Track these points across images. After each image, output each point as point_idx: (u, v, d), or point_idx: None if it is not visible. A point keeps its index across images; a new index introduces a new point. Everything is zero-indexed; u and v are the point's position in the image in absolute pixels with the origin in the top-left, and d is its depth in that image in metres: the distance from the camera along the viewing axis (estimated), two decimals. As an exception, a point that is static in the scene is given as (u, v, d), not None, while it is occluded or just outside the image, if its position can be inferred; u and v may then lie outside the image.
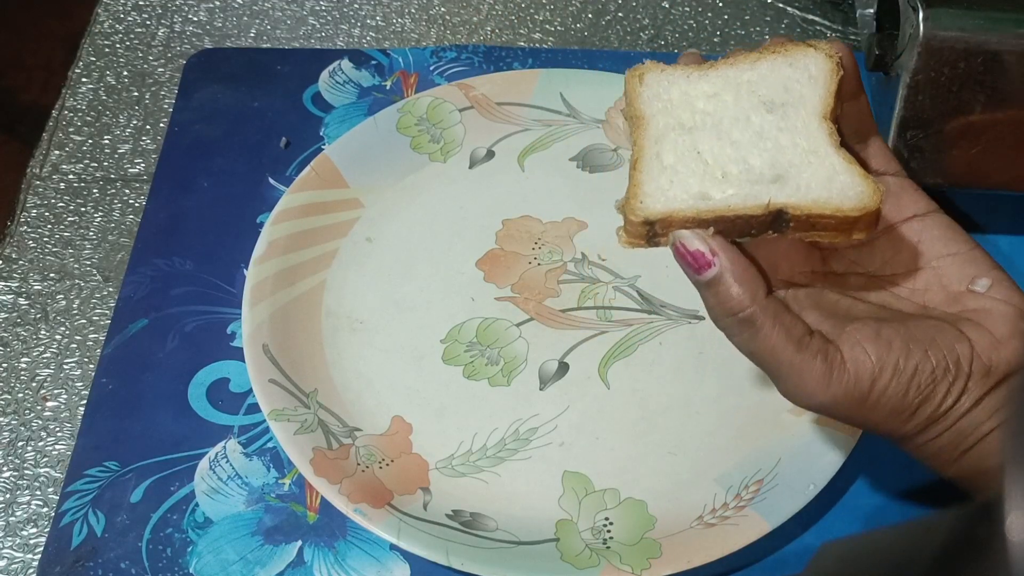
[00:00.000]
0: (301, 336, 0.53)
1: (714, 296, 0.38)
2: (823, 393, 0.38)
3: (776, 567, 0.48)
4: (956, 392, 0.38)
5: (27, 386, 0.53)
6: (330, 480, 0.47)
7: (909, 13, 0.51)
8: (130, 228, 0.60)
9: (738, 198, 0.38)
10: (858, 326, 0.38)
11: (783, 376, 0.38)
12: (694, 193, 0.39)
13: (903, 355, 0.37)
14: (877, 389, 0.37)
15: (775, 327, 0.38)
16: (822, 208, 0.37)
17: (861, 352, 0.38)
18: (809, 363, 0.37)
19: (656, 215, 0.38)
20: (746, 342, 0.39)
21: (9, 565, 0.48)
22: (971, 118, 0.52)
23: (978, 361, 0.38)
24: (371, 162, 0.60)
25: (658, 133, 0.41)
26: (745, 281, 0.38)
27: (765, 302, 0.38)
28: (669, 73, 0.42)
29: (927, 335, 0.38)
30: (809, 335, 0.38)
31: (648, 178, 0.39)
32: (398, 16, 0.71)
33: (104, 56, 0.68)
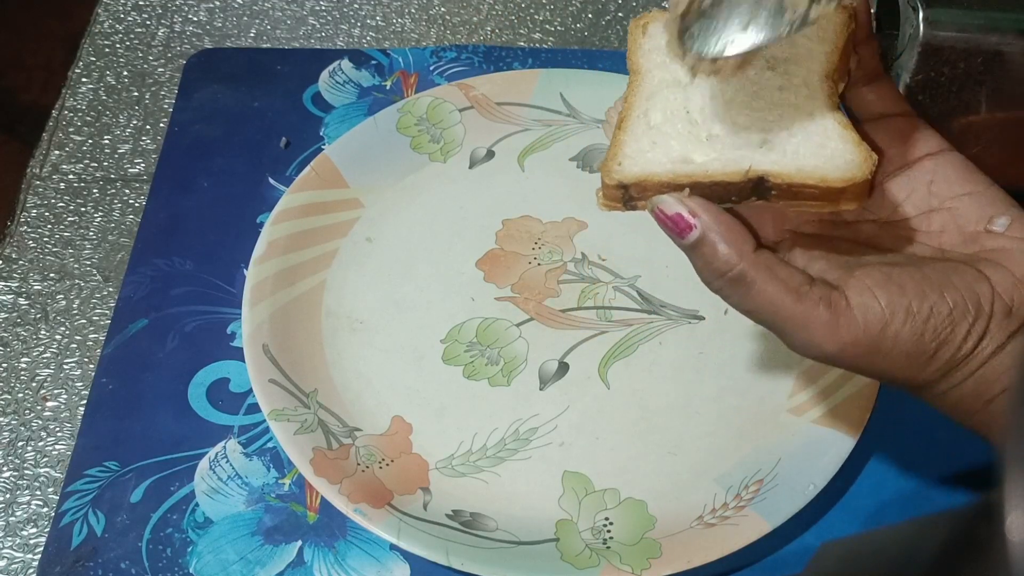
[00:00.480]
0: (301, 336, 0.53)
1: (701, 258, 0.37)
2: (830, 342, 0.36)
3: (776, 567, 0.48)
4: (977, 334, 0.36)
5: (27, 386, 0.53)
6: (330, 480, 0.47)
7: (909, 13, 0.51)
8: (130, 228, 0.60)
9: (718, 163, 0.36)
10: (867, 271, 0.37)
11: (787, 330, 0.37)
12: (675, 156, 0.37)
13: (916, 297, 0.36)
14: (889, 334, 0.36)
15: (769, 280, 0.36)
16: (805, 177, 0.36)
17: (870, 297, 0.36)
18: (812, 312, 0.36)
19: (631, 179, 0.37)
20: (741, 300, 0.37)
21: (9, 565, 0.48)
22: (971, 118, 0.52)
23: (999, 301, 0.36)
24: (371, 162, 0.60)
25: (652, 89, 0.39)
26: (730, 238, 0.36)
27: (754, 256, 0.36)
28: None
29: (943, 276, 0.36)
30: (810, 284, 0.36)
31: (631, 138, 0.38)
32: (398, 16, 0.71)
33: (104, 56, 0.68)
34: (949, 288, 0.36)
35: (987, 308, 0.36)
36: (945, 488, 0.50)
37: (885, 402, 0.50)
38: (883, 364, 0.36)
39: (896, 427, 0.52)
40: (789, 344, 0.38)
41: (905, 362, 0.36)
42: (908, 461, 0.51)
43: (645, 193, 0.37)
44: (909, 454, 0.51)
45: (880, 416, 0.51)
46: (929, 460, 0.51)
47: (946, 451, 0.51)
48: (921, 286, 0.36)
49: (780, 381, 0.52)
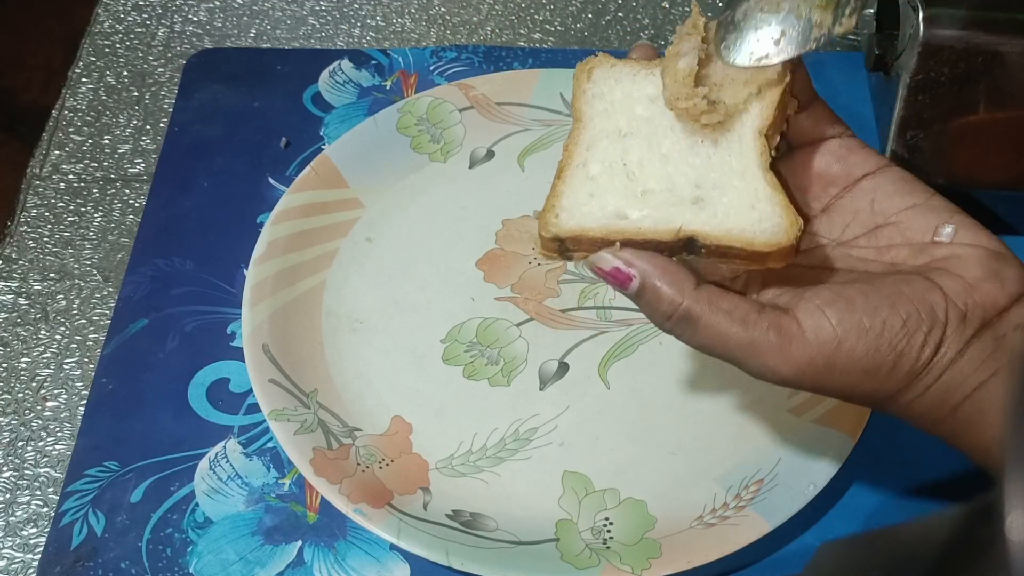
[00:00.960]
0: (301, 336, 0.53)
1: (646, 304, 0.38)
2: (784, 365, 0.36)
3: (776, 567, 0.48)
4: (934, 342, 0.36)
5: (27, 386, 0.53)
6: (330, 480, 0.47)
7: (909, 13, 0.51)
8: (130, 228, 0.60)
9: (650, 221, 0.37)
10: (817, 290, 0.37)
11: (741, 358, 0.37)
12: (609, 212, 0.38)
13: (867, 313, 0.36)
14: (843, 352, 0.36)
15: (714, 314, 0.37)
16: (732, 240, 0.37)
17: (820, 317, 0.36)
18: (762, 338, 0.36)
19: (566, 233, 0.38)
20: (692, 337, 0.38)
21: (9, 565, 0.48)
22: (971, 118, 0.52)
23: (953, 308, 0.37)
24: (371, 162, 0.60)
25: (592, 138, 0.40)
26: (670, 280, 0.37)
27: (695, 293, 0.37)
28: (618, 70, 0.40)
29: (894, 289, 0.37)
30: (758, 311, 0.37)
31: (568, 189, 0.39)
32: (398, 16, 0.71)
33: (104, 56, 0.68)
34: (901, 300, 0.37)
35: (941, 316, 0.37)
36: (945, 488, 0.50)
37: (885, 402, 0.50)
38: (842, 381, 0.37)
39: (896, 427, 0.52)
40: (748, 372, 0.38)
41: (864, 377, 0.37)
42: (908, 461, 0.51)
43: (580, 247, 0.38)
44: (909, 454, 0.51)
45: (880, 416, 0.51)
46: (929, 460, 0.51)
47: (946, 451, 0.51)
48: (872, 301, 0.37)
49: (780, 381, 0.52)
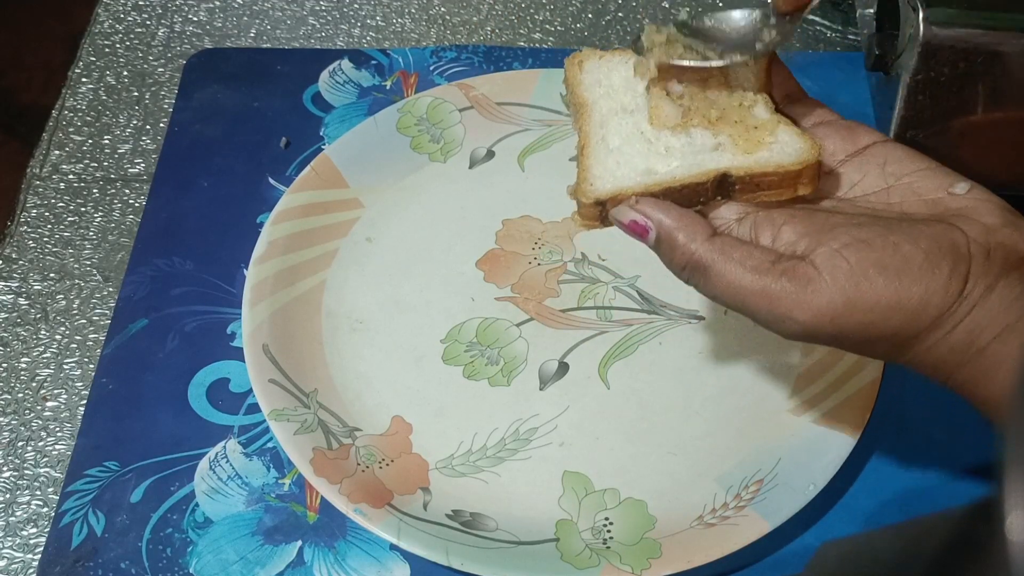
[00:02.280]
0: (301, 336, 0.53)
1: (663, 253, 0.39)
2: (802, 312, 0.36)
3: (776, 567, 0.48)
4: (961, 275, 0.35)
5: (27, 386, 0.53)
6: (330, 480, 0.47)
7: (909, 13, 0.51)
8: (130, 228, 0.60)
9: (682, 168, 0.39)
10: (834, 234, 0.37)
11: (755, 307, 0.37)
12: (641, 170, 0.40)
13: (886, 250, 0.35)
14: (865, 289, 0.35)
15: (726, 262, 0.37)
16: (763, 166, 0.38)
17: (837, 258, 0.36)
18: (776, 284, 0.36)
19: (606, 194, 0.39)
20: (705, 286, 0.38)
21: (9, 565, 0.48)
22: (971, 118, 0.52)
23: (975, 245, 0.36)
24: (371, 162, 0.60)
25: (602, 117, 0.42)
26: (683, 227, 0.38)
27: (709, 242, 0.37)
28: (608, 59, 0.43)
29: (911, 228, 0.36)
30: (772, 260, 0.37)
31: (596, 162, 0.41)
32: (398, 16, 0.71)
33: (104, 56, 0.68)
34: (920, 237, 0.36)
35: (964, 252, 0.36)
36: (945, 488, 0.50)
37: (885, 402, 0.50)
38: (865, 320, 0.36)
39: (896, 427, 0.52)
40: (764, 325, 0.38)
41: (890, 314, 0.35)
42: (908, 461, 0.51)
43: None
44: (909, 454, 0.51)
45: (880, 416, 0.51)
46: (929, 460, 0.51)
47: (946, 451, 0.51)
48: (890, 239, 0.36)
49: (780, 381, 0.52)
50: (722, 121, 0.40)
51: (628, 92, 0.42)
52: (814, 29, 0.71)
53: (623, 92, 0.42)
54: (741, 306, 0.37)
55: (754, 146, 0.39)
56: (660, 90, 0.41)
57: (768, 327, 0.37)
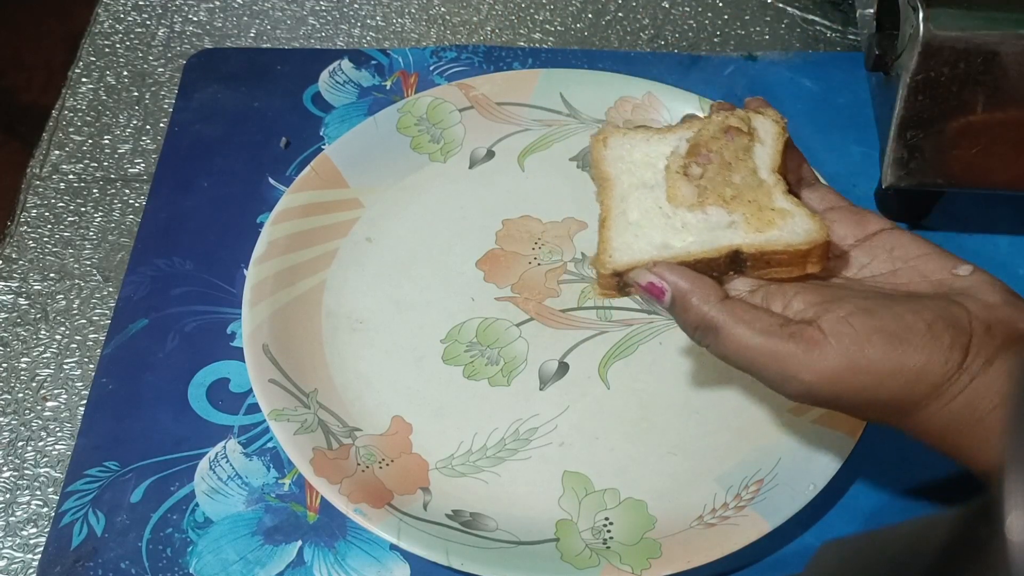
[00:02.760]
0: (301, 336, 0.53)
1: (679, 313, 0.40)
2: (806, 372, 0.37)
3: (776, 567, 0.48)
4: (961, 346, 0.37)
5: (27, 386, 0.53)
6: (330, 480, 0.47)
7: (909, 13, 0.51)
8: (130, 228, 0.60)
9: (697, 244, 0.42)
10: (840, 304, 0.38)
11: (762, 367, 0.38)
12: (657, 244, 0.42)
13: (890, 318, 0.37)
14: (867, 353, 0.37)
15: (737, 324, 0.39)
16: (774, 245, 0.41)
17: (843, 324, 0.37)
18: (783, 346, 0.38)
19: (623, 266, 0.42)
20: (715, 346, 0.40)
21: (9, 565, 0.48)
22: (971, 118, 0.52)
23: (976, 320, 0.37)
24: (371, 162, 0.60)
25: (623, 192, 0.44)
26: (696, 290, 0.40)
27: (720, 304, 0.39)
28: (631, 136, 0.46)
29: (916, 302, 0.38)
30: (781, 323, 0.38)
31: (616, 234, 0.43)
32: (398, 16, 0.71)
33: (104, 56, 0.68)
34: (923, 308, 0.38)
35: (966, 325, 0.37)
36: (945, 488, 0.50)
37: (885, 402, 0.50)
38: (868, 383, 0.37)
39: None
40: (770, 385, 0.39)
41: (890, 379, 0.37)
42: (908, 461, 0.51)
43: None
44: (909, 454, 0.51)
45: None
46: (929, 460, 0.51)
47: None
48: (895, 310, 0.38)
49: (780, 381, 0.52)
50: (736, 200, 0.42)
51: (648, 168, 0.44)
52: (814, 29, 0.71)
53: (644, 168, 0.44)
54: (750, 366, 0.39)
55: (766, 225, 0.41)
56: (679, 171, 0.43)
57: (774, 387, 0.39)
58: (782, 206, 0.42)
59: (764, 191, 0.42)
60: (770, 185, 0.43)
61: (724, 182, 0.43)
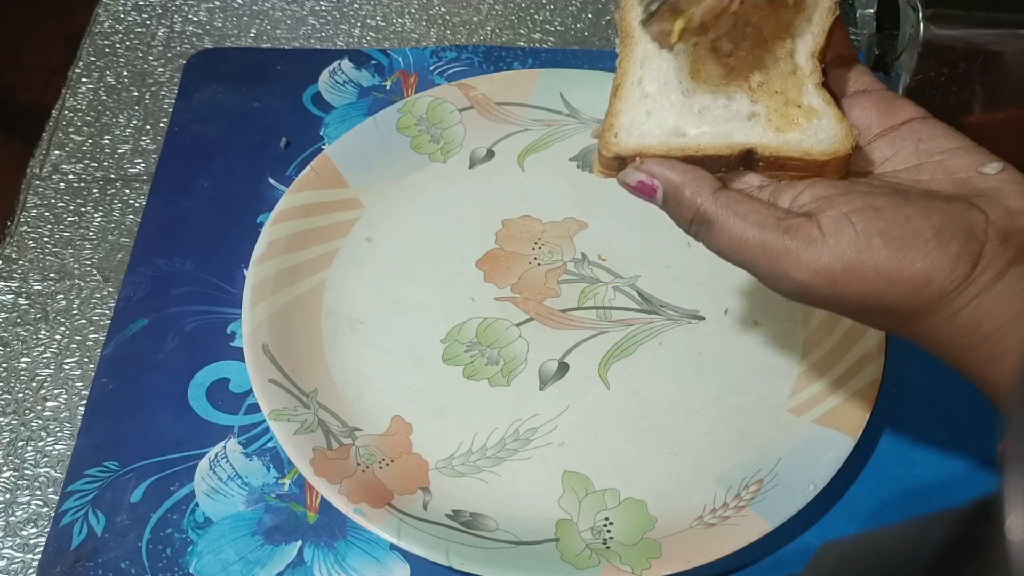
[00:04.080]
0: (301, 336, 0.53)
1: (672, 211, 0.38)
2: (798, 271, 0.35)
3: (776, 567, 0.48)
4: (970, 257, 0.34)
5: (27, 386, 0.53)
6: (330, 480, 0.47)
7: (909, 13, 0.51)
8: (130, 228, 0.60)
9: (709, 137, 0.38)
10: (848, 198, 0.36)
11: (754, 261, 0.37)
12: (668, 129, 0.39)
13: (895, 221, 0.35)
14: (866, 259, 0.35)
15: (731, 216, 0.37)
16: (791, 150, 0.38)
17: (844, 223, 0.35)
18: (777, 240, 0.36)
19: (627, 151, 0.38)
20: (709, 240, 0.38)
21: (9, 565, 0.48)
22: (971, 118, 0.52)
23: (993, 227, 0.35)
24: (371, 162, 0.60)
25: (644, 54, 0.40)
26: (689, 183, 0.38)
27: (714, 196, 0.37)
28: None
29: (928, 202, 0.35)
30: (777, 217, 0.36)
31: (626, 108, 0.39)
32: (398, 16, 0.71)
33: (104, 56, 0.68)
34: (935, 212, 0.35)
35: (980, 233, 0.35)
36: (945, 488, 0.50)
37: (885, 402, 0.50)
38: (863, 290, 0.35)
39: (896, 427, 0.52)
40: (763, 281, 0.37)
41: (890, 288, 0.35)
42: (908, 461, 0.51)
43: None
44: (909, 454, 0.51)
45: (880, 416, 0.51)
46: (929, 460, 0.51)
47: (946, 451, 0.51)
48: (903, 211, 0.35)
49: (780, 381, 0.52)
50: (763, 89, 0.39)
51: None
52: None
53: None
54: (743, 260, 0.37)
55: (788, 124, 0.38)
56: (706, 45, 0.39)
57: (766, 283, 0.37)
58: (811, 103, 0.38)
59: (796, 81, 0.39)
60: (805, 74, 0.39)
61: (755, 63, 0.39)
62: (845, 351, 0.52)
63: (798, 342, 0.53)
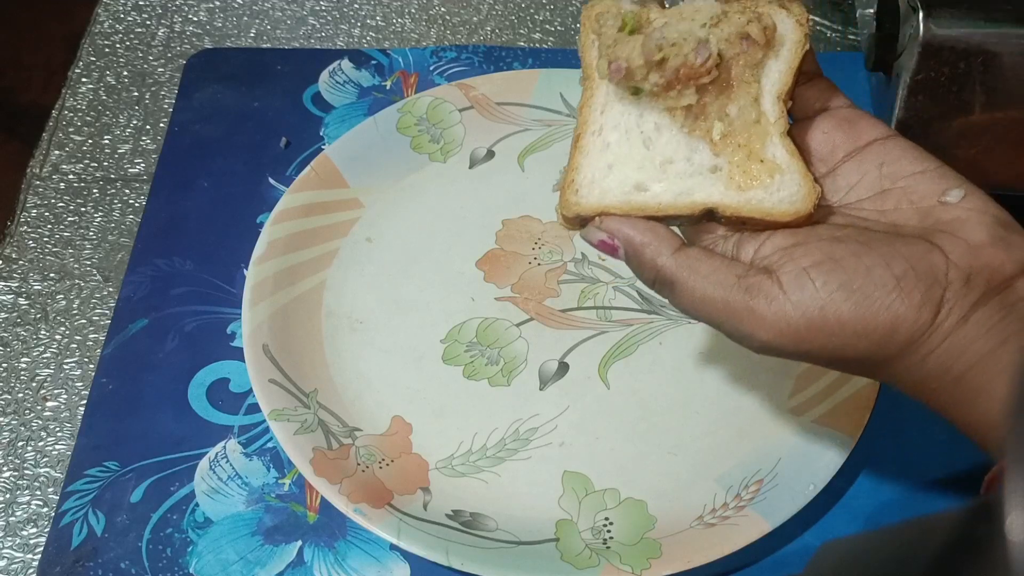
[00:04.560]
0: (301, 336, 0.53)
1: (635, 267, 0.38)
2: (762, 330, 0.35)
3: (776, 567, 0.48)
4: (933, 303, 0.35)
5: (27, 386, 0.53)
6: (330, 480, 0.47)
7: (909, 13, 0.51)
8: (130, 228, 0.60)
9: (669, 195, 0.38)
10: (805, 250, 0.36)
11: (720, 321, 0.37)
12: (629, 185, 0.38)
13: (857, 273, 0.35)
14: (830, 314, 0.35)
15: (691, 276, 0.37)
16: (752, 211, 0.37)
17: (804, 279, 0.35)
18: (739, 301, 0.36)
19: (588, 211, 0.38)
20: (672, 299, 0.38)
21: (9, 565, 0.48)
22: (971, 118, 0.52)
23: (955, 269, 0.35)
24: (371, 162, 0.60)
25: (605, 100, 0.39)
26: (649, 243, 0.37)
27: (675, 257, 0.37)
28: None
29: (888, 248, 0.36)
30: (738, 275, 0.36)
31: (587, 161, 0.38)
32: (398, 16, 0.71)
33: (104, 56, 0.68)
34: (896, 259, 0.35)
35: (941, 277, 0.35)
36: (945, 488, 0.50)
37: (885, 402, 0.50)
38: (830, 344, 0.35)
39: (896, 427, 0.52)
40: (731, 337, 0.37)
41: (855, 339, 0.35)
42: (908, 461, 0.51)
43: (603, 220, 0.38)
44: (909, 455, 0.51)
45: (880, 416, 0.51)
46: (929, 460, 0.51)
47: (946, 451, 0.51)
48: (864, 261, 0.35)
49: (780, 381, 0.52)
50: (725, 142, 0.38)
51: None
52: (814, 29, 0.71)
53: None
54: (708, 319, 0.37)
55: (750, 180, 0.37)
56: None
57: (734, 340, 0.37)
58: (774, 156, 0.37)
59: (760, 131, 0.37)
60: (769, 121, 0.38)
61: (719, 109, 0.38)
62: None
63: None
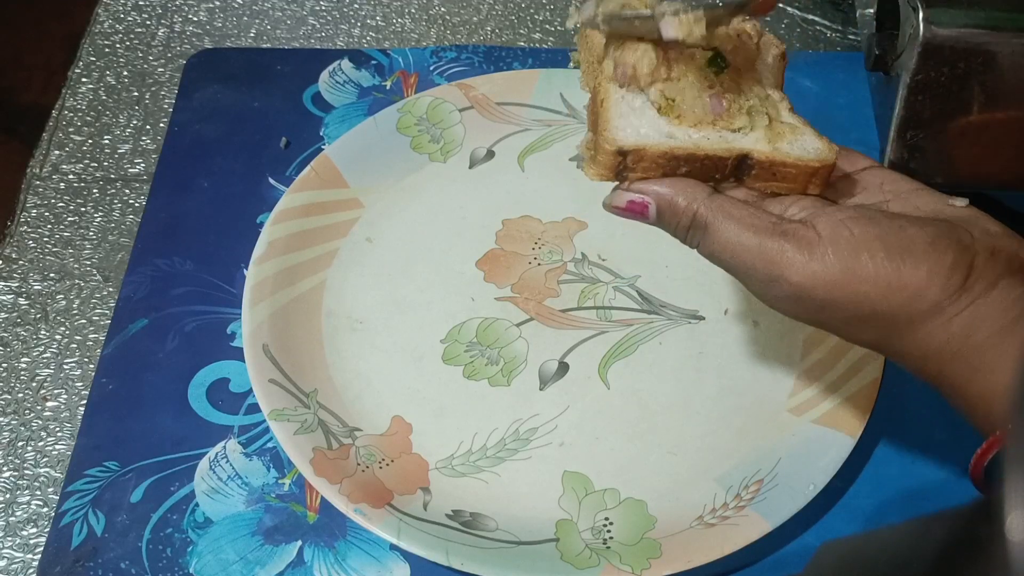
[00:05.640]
0: (301, 336, 0.53)
1: (667, 222, 0.38)
2: (797, 274, 0.35)
3: (776, 567, 0.48)
4: (964, 265, 0.35)
5: (27, 386, 0.53)
6: (330, 480, 0.47)
7: (909, 13, 0.51)
8: (130, 228, 0.60)
9: (707, 141, 0.38)
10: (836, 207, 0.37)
11: (751, 268, 0.36)
12: (664, 132, 0.38)
13: (892, 228, 0.35)
14: (864, 261, 0.35)
15: (726, 219, 0.37)
16: (785, 156, 0.38)
17: (842, 227, 0.35)
18: (774, 243, 0.36)
19: (630, 145, 0.38)
20: (704, 245, 0.38)
21: (9, 565, 0.48)
22: (971, 118, 0.52)
23: (980, 243, 0.35)
24: (371, 162, 0.60)
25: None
26: (682, 191, 0.38)
27: (708, 201, 0.37)
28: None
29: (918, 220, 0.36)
30: (772, 221, 0.37)
31: (617, 114, 0.39)
32: (398, 16, 0.71)
33: (104, 56, 0.68)
34: (927, 226, 0.36)
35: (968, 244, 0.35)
36: (945, 488, 0.50)
37: (885, 402, 0.50)
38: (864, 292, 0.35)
39: (896, 427, 0.52)
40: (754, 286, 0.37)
41: (888, 293, 0.35)
42: (908, 461, 0.51)
43: (640, 164, 0.38)
44: (909, 454, 0.51)
45: (880, 416, 0.51)
46: (929, 460, 0.51)
47: (946, 451, 0.51)
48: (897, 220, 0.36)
49: (780, 381, 0.52)
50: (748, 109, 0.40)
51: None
52: (814, 29, 0.71)
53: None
54: (738, 264, 0.37)
55: (776, 136, 0.39)
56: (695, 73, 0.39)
57: (757, 289, 0.37)
58: (791, 121, 0.40)
59: (772, 104, 0.40)
60: (776, 100, 0.40)
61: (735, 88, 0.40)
62: (845, 351, 0.52)
63: (798, 342, 0.53)
